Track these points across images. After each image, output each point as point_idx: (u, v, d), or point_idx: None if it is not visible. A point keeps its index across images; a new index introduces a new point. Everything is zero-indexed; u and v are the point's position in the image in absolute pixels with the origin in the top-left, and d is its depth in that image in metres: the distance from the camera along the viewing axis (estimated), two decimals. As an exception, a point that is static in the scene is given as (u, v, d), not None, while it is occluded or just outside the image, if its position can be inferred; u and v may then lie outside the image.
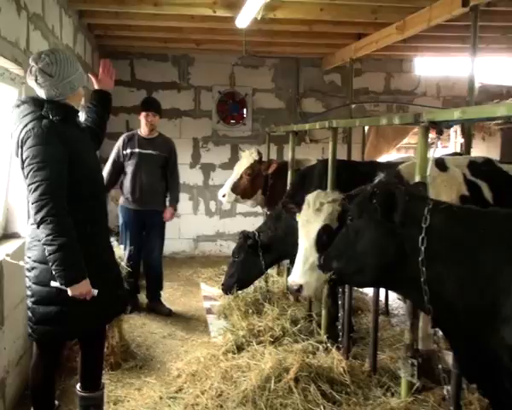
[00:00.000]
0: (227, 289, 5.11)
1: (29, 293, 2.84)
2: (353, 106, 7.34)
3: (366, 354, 4.25)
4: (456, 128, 9.40)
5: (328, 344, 4.04)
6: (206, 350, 4.39)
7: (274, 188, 5.90)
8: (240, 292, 5.82)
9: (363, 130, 8.27)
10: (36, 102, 2.73)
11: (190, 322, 5.47)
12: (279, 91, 8.47)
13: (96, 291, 2.74)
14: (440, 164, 4.00)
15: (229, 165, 8.28)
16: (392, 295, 5.92)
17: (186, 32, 6.49)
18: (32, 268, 2.80)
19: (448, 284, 2.05)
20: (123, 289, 3.26)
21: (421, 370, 3.12)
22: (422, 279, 2.10)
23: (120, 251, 4.96)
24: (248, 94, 8.34)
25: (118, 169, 5.53)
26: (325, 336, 4.29)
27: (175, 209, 5.65)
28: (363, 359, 4.08)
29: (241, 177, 5.97)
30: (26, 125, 2.65)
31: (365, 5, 5.52)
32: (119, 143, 5.58)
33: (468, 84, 4.66)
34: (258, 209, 7.18)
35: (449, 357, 3.33)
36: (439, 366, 3.04)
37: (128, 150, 5.48)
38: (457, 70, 8.87)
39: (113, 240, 3.86)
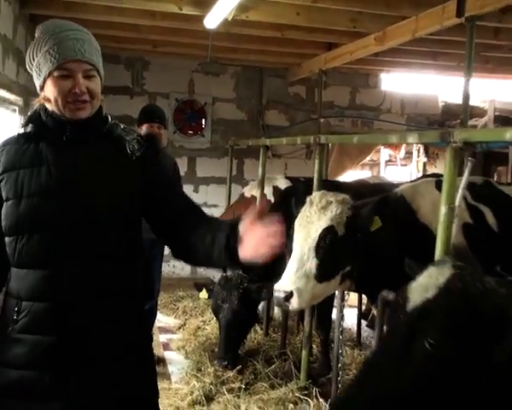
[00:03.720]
0: (233, 361, 4.11)
1: None
2: (321, 120, 6.93)
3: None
4: (419, 147, 9.22)
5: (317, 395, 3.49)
6: (167, 400, 3.74)
7: None
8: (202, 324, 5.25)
9: (328, 147, 7.86)
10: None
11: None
12: (241, 102, 7.92)
13: None
14: (440, 186, 3.58)
15: (185, 179, 7.61)
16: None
17: (144, 32, 5.84)
18: None
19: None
20: None
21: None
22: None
23: None
24: (208, 103, 7.74)
25: None
26: (310, 382, 3.75)
27: None
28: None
29: None
30: None
31: (345, 11, 5.09)
32: None
33: (463, 104, 4.24)
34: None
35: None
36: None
37: None
38: (421, 87, 8.70)
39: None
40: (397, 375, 1.42)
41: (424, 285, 1.52)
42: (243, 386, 3.88)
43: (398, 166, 10.56)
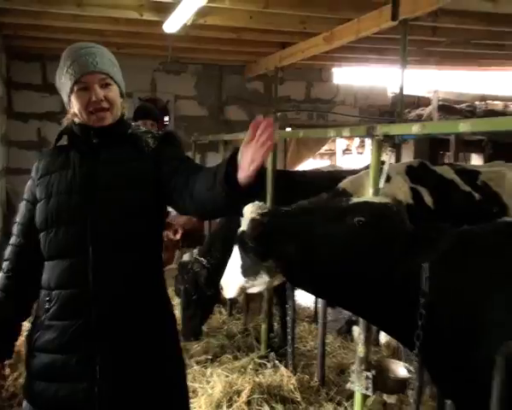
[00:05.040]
0: (194, 335, 4.52)
1: None
2: (278, 114, 7.37)
3: (305, 366, 4.22)
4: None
5: (275, 360, 3.96)
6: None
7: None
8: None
9: (285, 138, 8.32)
10: None
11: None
12: (202, 99, 8.31)
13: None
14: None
15: (151, 174, 7.98)
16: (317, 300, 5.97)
17: (108, 36, 6.15)
18: None
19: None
20: None
21: (375, 382, 3.12)
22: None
23: None
24: (170, 101, 8.09)
25: None
26: (269, 351, 4.21)
27: None
28: (304, 371, 4.04)
29: None
30: None
31: (294, 15, 5.53)
32: None
33: (398, 96, 4.76)
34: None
35: (397, 366, 3.37)
36: (392, 376, 3.08)
37: None
38: (372, 80, 9.23)
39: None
40: (324, 228, 2.04)
41: (367, 198, 2.20)
42: (210, 357, 4.31)
43: (354, 155, 11.16)
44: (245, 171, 1.59)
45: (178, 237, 5.34)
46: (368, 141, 9.88)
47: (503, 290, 1.86)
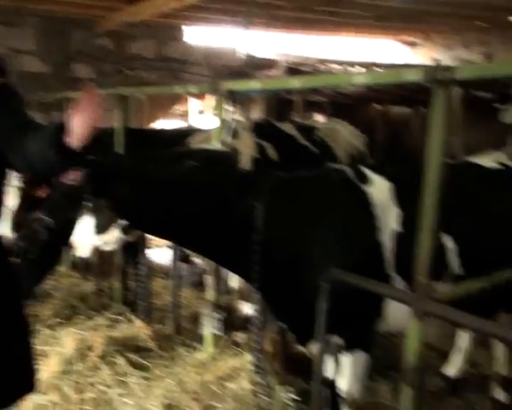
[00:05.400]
0: (29, 295, 4.36)
1: None
2: (129, 72, 7.21)
3: (161, 318, 4.34)
4: (225, 97, 9.96)
5: (130, 315, 4.01)
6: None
7: None
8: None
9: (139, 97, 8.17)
10: None
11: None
12: (44, 54, 7.76)
13: None
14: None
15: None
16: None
17: None
18: None
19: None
20: None
21: (224, 323, 3.35)
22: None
23: None
24: (7, 55, 7.44)
25: None
26: (124, 307, 4.25)
27: None
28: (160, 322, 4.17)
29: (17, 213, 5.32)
30: None
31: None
32: None
33: (246, 57, 4.93)
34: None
35: (243, 306, 3.65)
36: (239, 315, 3.35)
37: None
38: (225, 41, 9.36)
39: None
40: (158, 170, 2.21)
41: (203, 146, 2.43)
42: (62, 321, 4.21)
43: (209, 115, 11.32)
44: (76, 137, 1.68)
45: (43, 194, 5.08)
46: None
47: (326, 225, 2.12)
